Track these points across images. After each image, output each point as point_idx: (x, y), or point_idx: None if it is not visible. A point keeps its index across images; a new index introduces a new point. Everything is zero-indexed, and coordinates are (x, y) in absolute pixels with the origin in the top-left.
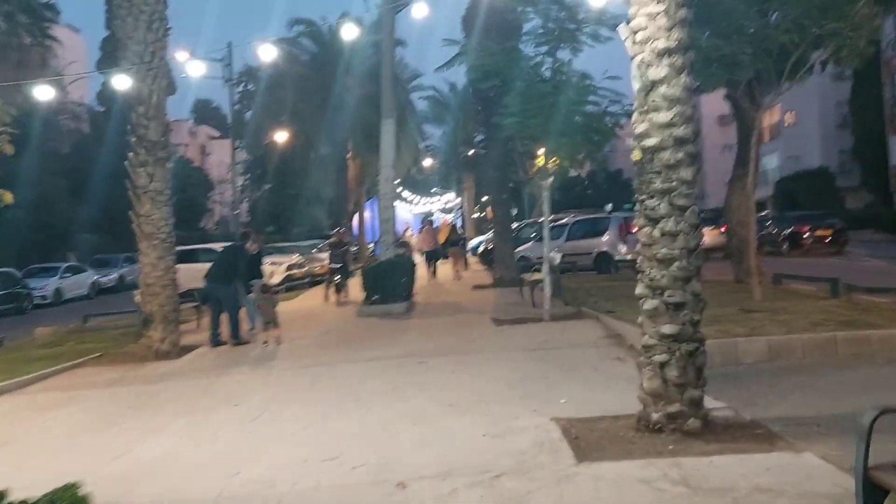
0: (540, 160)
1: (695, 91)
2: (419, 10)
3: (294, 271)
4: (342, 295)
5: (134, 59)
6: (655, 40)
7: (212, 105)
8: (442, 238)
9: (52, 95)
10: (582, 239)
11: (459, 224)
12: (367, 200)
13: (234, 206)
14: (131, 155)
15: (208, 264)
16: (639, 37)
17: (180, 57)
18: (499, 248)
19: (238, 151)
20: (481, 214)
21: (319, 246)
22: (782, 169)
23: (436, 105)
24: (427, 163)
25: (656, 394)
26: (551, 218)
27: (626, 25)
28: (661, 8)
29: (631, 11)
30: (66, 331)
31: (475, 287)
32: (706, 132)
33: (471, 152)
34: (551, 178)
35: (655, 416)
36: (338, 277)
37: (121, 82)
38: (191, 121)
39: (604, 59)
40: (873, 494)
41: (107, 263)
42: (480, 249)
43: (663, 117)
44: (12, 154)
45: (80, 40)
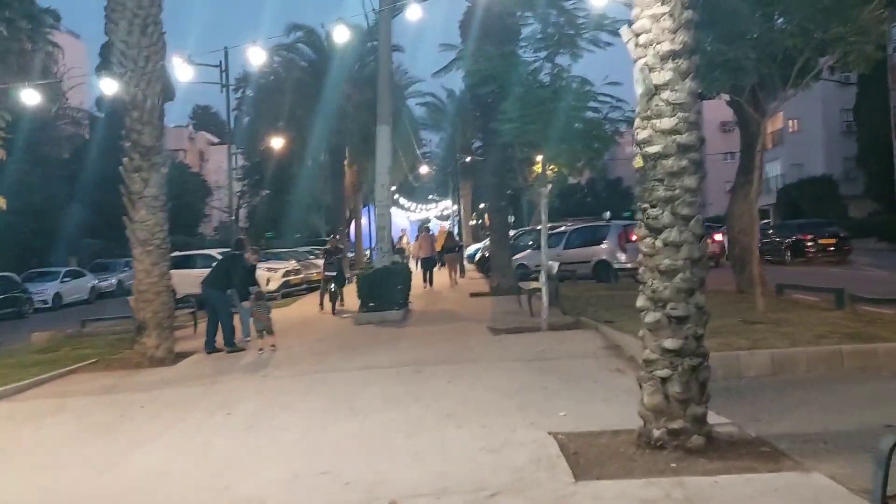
0: (538, 167)
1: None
2: (416, 15)
3: (291, 277)
4: (337, 303)
5: (128, 63)
6: (659, 43)
7: (211, 111)
8: (439, 245)
9: (39, 100)
10: (581, 247)
11: (456, 231)
12: (363, 207)
13: (231, 211)
14: (126, 160)
15: (205, 270)
16: (642, 39)
17: (176, 62)
18: (496, 255)
19: (236, 157)
20: (479, 221)
21: (315, 252)
22: (785, 176)
23: (433, 111)
24: (424, 170)
25: (658, 410)
26: (549, 226)
27: (629, 28)
28: (666, 10)
29: (634, 13)
30: (63, 336)
31: (472, 295)
32: (707, 139)
33: (468, 159)
34: (550, 186)
35: (657, 433)
36: (332, 286)
37: (110, 87)
38: (190, 126)
39: (604, 64)
40: None
41: (106, 268)
42: (478, 257)
43: (667, 123)
44: (3, 158)
45: (80, 46)
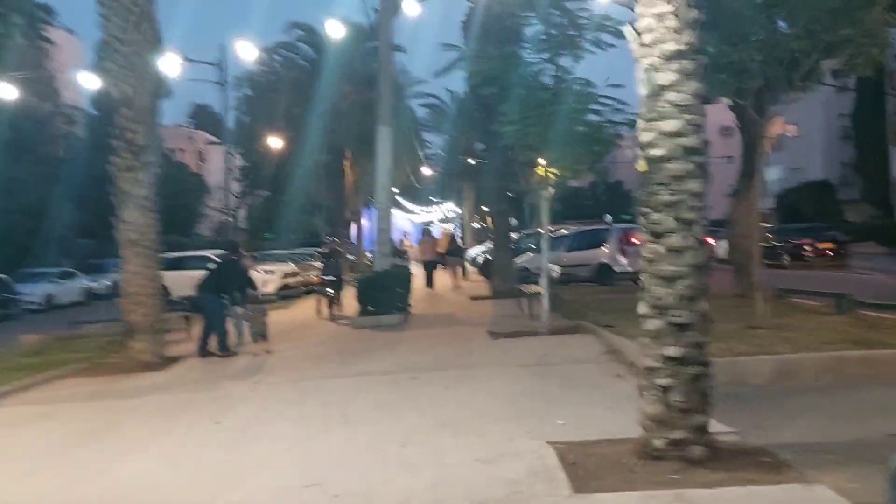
0: (540, 170)
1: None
2: (416, 11)
3: (289, 280)
4: (334, 309)
5: (119, 59)
6: (664, 43)
7: (210, 110)
8: (441, 248)
9: (21, 95)
10: (582, 250)
11: (459, 234)
12: (365, 208)
13: (228, 212)
14: (116, 159)
15: (199, 272)
16: (646, 39)
17: (172, 60)
18: (497, 258)
19: (236, 157)
20: (481, 225)
21: (311, 255)
22: (784, 181)
23: (436, 113)
24: (427, 172)
25: (659, 419)
26: (550, 229)
27: (633, 27)
28: (671, 8)
29: (638, 11)
30: (53, 338)
31: (473, 298)
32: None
33: (471, 161)
34: (551, 189)
35: (658, 443)
36: (330, 291)
37: (93, 82)
38: (189, 125)
39: (605, 67)
40: None
41: (100, 269)
42: (480, 260)
43: (671, 125)
44: None
45: (76, 43)
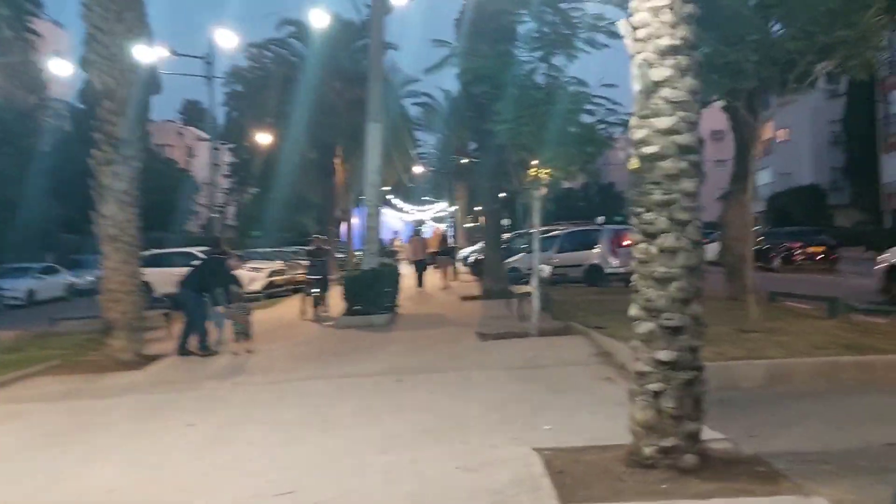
0: (533, 170)
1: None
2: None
3: (276, 278)
4: (320, 309)
5: (101, 49)
6: (659, 37)
7: (201, 106)
8: (432, 247)
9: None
10: (573, 251)
11: (451, 234)
12: (355, 207)
13: (215, 209)
14: (96, 152)
15: (183, 269)
16: (640, 33)
17: (159, 52)
18: (488, 258)
19: (224, 154)
20: (474, 224)
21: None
22: (774, 185)
23: (429, 111)
24: (419, 170)
25: (649, 426)
26: (542, 229)
27: (627, 21)
28: (666, 2)
29: (632, 5)
30: (30, 335)
31: (463, 298)
32: None
33: (464, 160)
34: (544, 189)
35: (648, 451)
36: (315, 290)
37: (63, 69)
38: (178, 121)
39: (599, 67)
40: None
41: (83, 264)
42: (471, 259)
43: (665, 123)
44: None
45: (65, 36)
